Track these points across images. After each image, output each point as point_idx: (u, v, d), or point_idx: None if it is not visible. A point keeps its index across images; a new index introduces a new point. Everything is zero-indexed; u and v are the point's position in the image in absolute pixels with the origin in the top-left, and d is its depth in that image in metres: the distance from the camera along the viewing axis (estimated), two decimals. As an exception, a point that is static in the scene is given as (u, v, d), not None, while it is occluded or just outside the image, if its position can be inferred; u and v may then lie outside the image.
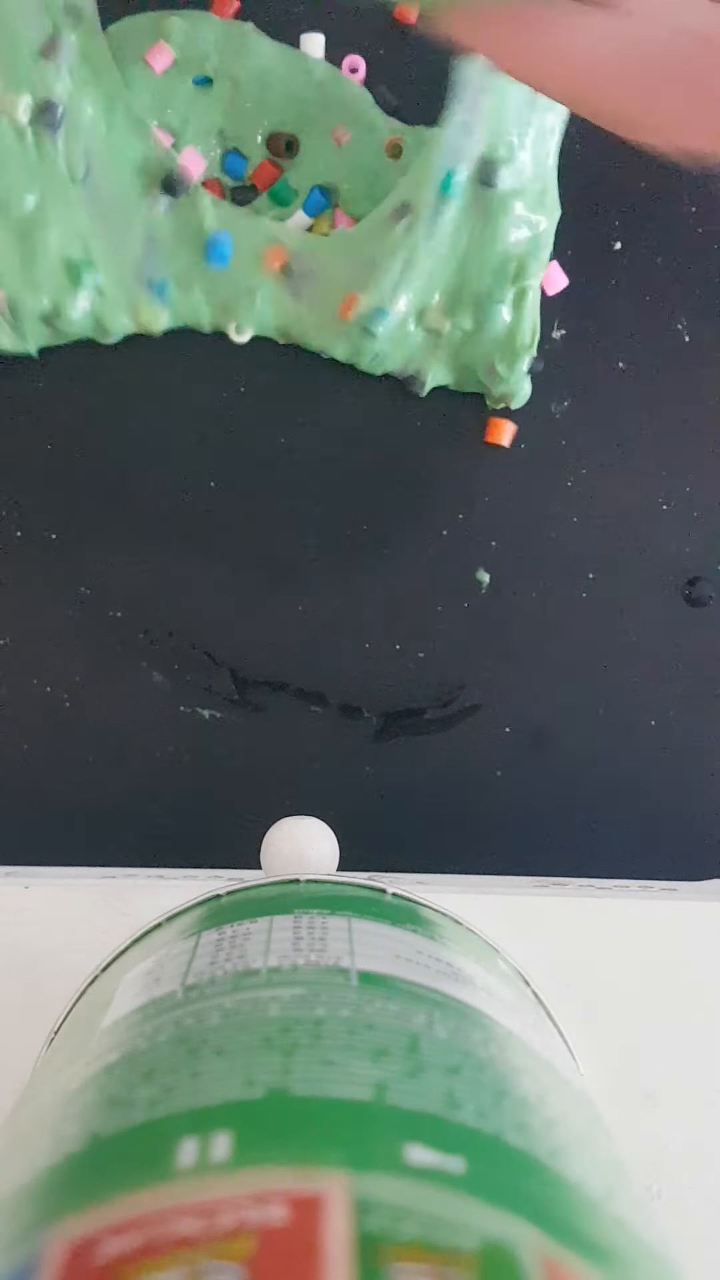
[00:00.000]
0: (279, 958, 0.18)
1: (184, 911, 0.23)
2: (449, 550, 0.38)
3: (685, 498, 0.38)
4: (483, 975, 0.21)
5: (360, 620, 0.38)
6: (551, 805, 0.38)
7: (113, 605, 0.37)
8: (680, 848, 0.39)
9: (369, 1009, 0.16)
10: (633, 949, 0.31)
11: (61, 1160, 0.14)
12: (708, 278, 0.37)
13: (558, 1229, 0.12)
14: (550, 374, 0.37)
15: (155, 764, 0.38)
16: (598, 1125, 0.17)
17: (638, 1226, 0.13)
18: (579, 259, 0.37)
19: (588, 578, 0.38)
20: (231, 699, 0.38)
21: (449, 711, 0.38)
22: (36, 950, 0.31)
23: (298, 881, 0.23)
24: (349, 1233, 0.11)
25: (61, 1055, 0.19)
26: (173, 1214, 0.11)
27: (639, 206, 0.37)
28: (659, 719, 0.38)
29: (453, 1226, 0.11)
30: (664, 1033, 0.31)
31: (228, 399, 0.37)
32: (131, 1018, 0.18)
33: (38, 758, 0.38)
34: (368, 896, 0.22)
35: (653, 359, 0.37)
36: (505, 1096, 0.15)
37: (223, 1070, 0.14)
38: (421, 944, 0.20)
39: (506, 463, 0.37)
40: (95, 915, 0.31)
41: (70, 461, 0.37)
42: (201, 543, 0.37)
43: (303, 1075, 0.14)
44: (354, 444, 0.37)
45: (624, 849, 0.39)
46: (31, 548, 0.37)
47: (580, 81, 0.21)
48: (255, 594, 0.38)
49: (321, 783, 0.38)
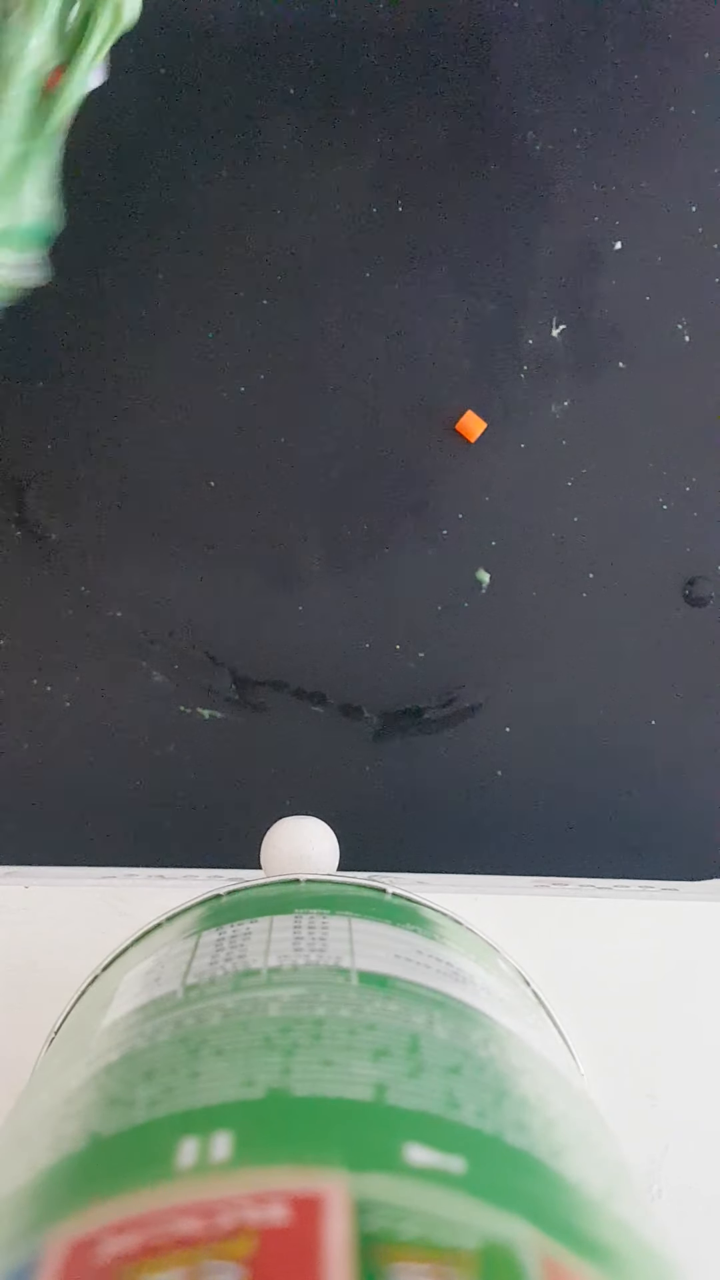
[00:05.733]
0: (279, 957, 0.18)
1: (184, 911, 0.23)
2: (449, 550, 0.38)
3: (685, 498, 0.38)
4: (483, 975, 0.21)
5: (360, 620, 0.38)
6: (551, 805, 0.38)
7: (113, 605, 0.37)
8: (680, 848, 0.39)
9: (369, 1009, 0.16)
10: (633, 949, 0.31)
11: (61, 1160, 0.14)
12: (708, 278, 0.37)
13: (558, 1229, 0.12)
14: (550, 374, 0.37)
15: (155, 764, 0.38)
16: (598, 1125, 0.17)
17: (638, 1226, 0.13)
18: (579, 259, 0.37)
19: (588, 578, 0.38)
20: (231, 699, 0.38)
21: (449, 711, 0.38)
22: (36, 950, 0.31)
23: (298, 881, 0.23)
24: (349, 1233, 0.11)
25: (61, 1055, 0.19)
26: (173, 1214, 0.11)
27: (639, 206, 0.37)
28: (659, 719, 0.38)
29: (453, 1226, 0.11)
30: (664, 1033, 0.31)
31: (228, 399, 0.37)
32: (131, 1017, 0.18)
33: (38, 758, 0.38)
34: (368, 896, 0.22)
35: (653, 359, 0.37)
36: (505, 1096, 0.15)
37: (223, 1070, 0.14)
38: (421, 944, 0.20)
39: (506, 463, 0.37)
40: (95, 915, 0.31)
41: (70, 461, 0.37)
42: (201, 543, 0.37)
43: (303, 1075, 0.14)
44: (354, 444, 0.37)
45: (624, 849, 0.39)
46: (31, 548, 0.37)
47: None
48: (255, 594, 0.38)
49: (321, 783, 0.38)
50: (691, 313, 0.37)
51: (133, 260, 0.37)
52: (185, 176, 0.36)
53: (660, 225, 0.37)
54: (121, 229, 0.37)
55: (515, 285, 0.37)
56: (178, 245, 0.37)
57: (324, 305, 0.37)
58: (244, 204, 0.36)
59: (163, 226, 0.37)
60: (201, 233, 0.37)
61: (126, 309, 0.37)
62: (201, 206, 0.36)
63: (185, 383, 0.37)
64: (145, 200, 0.36)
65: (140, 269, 0.37)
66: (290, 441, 0.37)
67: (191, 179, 0.36)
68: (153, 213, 0.37)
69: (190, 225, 0.37)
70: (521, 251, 0.37)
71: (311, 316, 0.37)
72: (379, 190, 0.37)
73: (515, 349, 0.37)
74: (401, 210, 0.37)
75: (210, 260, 0.37)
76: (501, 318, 0.37)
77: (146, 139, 0.36)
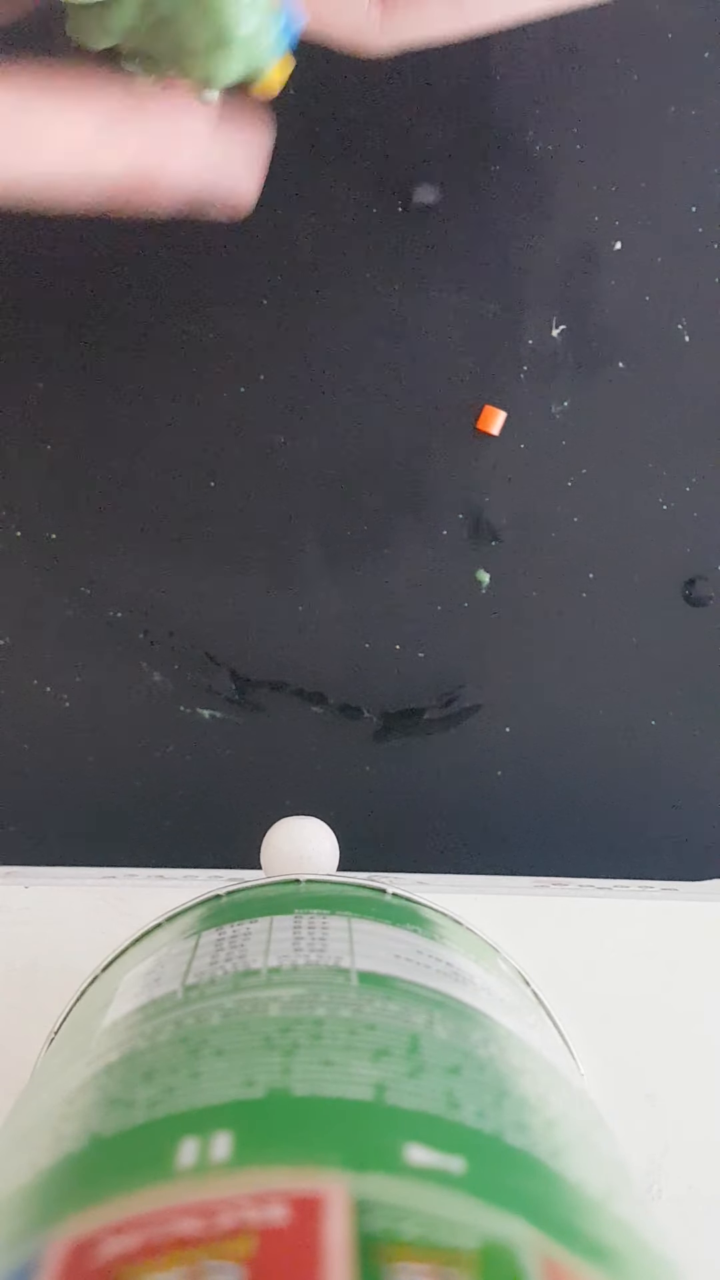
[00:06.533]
0: (279, 958, 0.18)
1: (184, 911, 0.23)
2: (449, 550, 0.38)
3: (685, 498, 0.38)
4: (483, 975, 0.21)
5: (360, 620, 0.38)
6: (551, 805, 0.38)
7: (113, 605, 0.37)
8: (680, 848, 0.39)
9: (369, 1009, 0.16)
10: (633, 949, 0.31)
11: (61, 1160, 0.13)
12: (708, 278, 0.37)
13: (558, 1229, 0.12)
14: (550, 374, 0.37)
15: (155, 764, 0.38)
16: (598, 1125, 0.17)
17: (638, 1226, 0.13)
18: (579, 259, 0.37)
19: (588, 578, 0.38)
20: (231, 699, 0.38)
21: (449, 711, 0.38)
22: (36, 950, 0.31)
23: (298, 881, 0.23)
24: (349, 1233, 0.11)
25: (61, 1055, 0.19)
26: (173, 1214, 0.11)
27: (639, 206, 0.37)
28: (659, 719, 0.38)
29: (453, 1226, 0.11)
30: (664, 1033, 0.31)
31: (228, 399, 0.37)
32: (132, 1018, 0.18)
33: (38, 758, 0.38)
34: (368, 896, 0.22)
35: (653, 359, 0.37)
36: (505, 1096, 0.15)
37: (223, 1070, 0.14)
38: (421, 944, 0.20)
39: (506, 463, 0.37)
40: (95, 915, 0.31)
41: (70, 461, 0.37)
42: (201, 543, 0.37)
43: (303, 1075, 0.14)
44: (354, 444, 0.37)
45: (624, 849, 0.39)
46: (31, 548, 0.37)
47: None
48: (255, 594, 0.38)
49: (321, 783, 0.38)
50: (691, 313, 0.37)
51: (132, 260, 0.37)
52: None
53: (660, 225, 0.37)
54: (121, 230, 0.37)
55: (515, 285, 0.37)
56: (177, 245, 0.37)
57: (324, 305, 0.37)
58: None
59: (162, 226, 0.37)
60: (201, 232, 0.37)
61: (126, 309, 0.37)
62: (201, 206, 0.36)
63: (185, 383, 0.37)
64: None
65: (140, 269, 0.37)
66: (290, 441, 0.37)
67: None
68: (153, 212, 0.37)
69: (190, 225, 0.37)
70: (521, 251, 0.37)
71: (311, 316, 0.37)
72: (379, 190, 0.37)
73: (515, 349, 0.37)
74: (401, 210, 0.37)
75: (210, 260, 0.37)
76: (501, 318, 0.37)
77: (146, 139, 0.36)
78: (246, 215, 0.37)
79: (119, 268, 0.37)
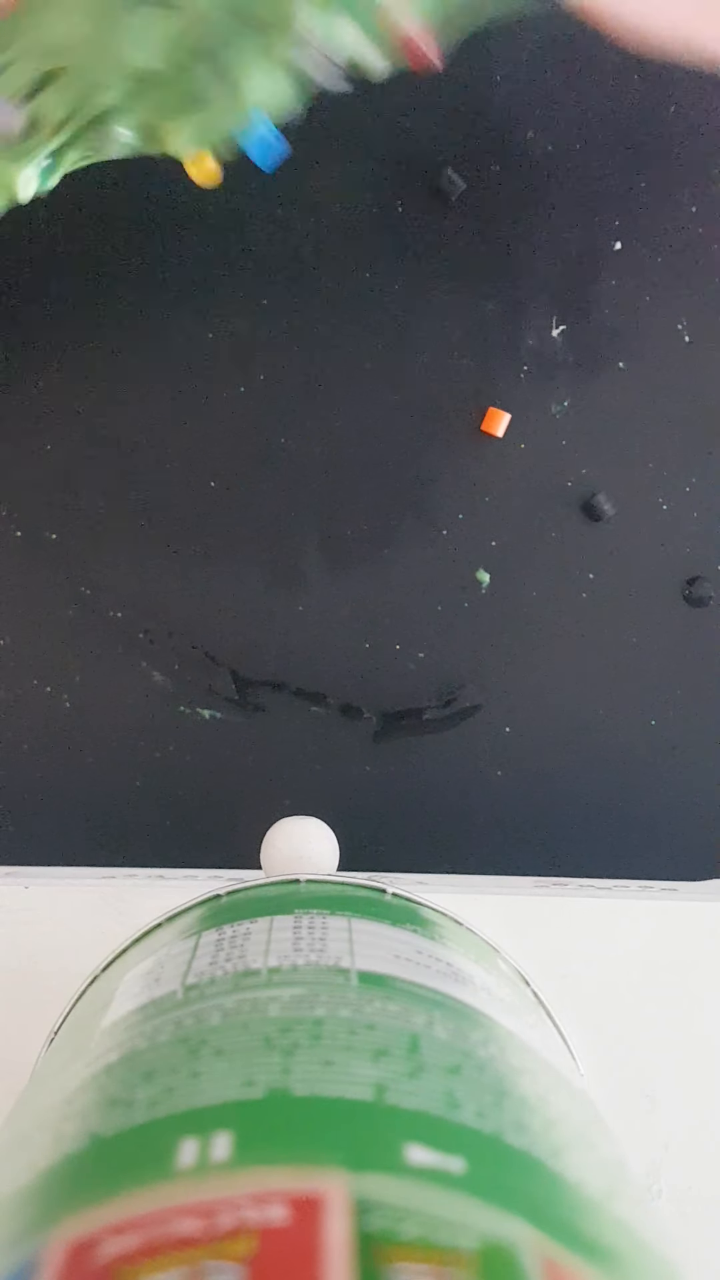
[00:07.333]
0: (279, 958, 0.18)
1: (184, 912, 0.23)
2: (449, 550, 0.38)
3: (685, 498, 0.38)
4: (483, 975, 0.21)
5: (360, 620, 0.38)
6: (551, 805, 0.38)
7: (113, 605, 0.37)
8: (680, 848, 0.39)
9: (369, 1009, 0.16)
10: (633, 949, 0.31)
11: (61, 1160, 0.13)
12: (708, 278, 0.37)
13: (558, 1229, 0.12)
14: (550, 374, 0.37)
15: (155, 764, 0.38)
16: (598, 1125, 0.17)
17: (638, 1226, 0.13)
18: (579, 259, 0.37)
19: (588, 578, 0.38)
20: (231, 699, 0.38)
21: (449, 711, 0.38)
22: (36, 950, 0.31)
23: (298, 881, 0.23)
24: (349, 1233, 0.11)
25: (61, 1055, 0.19)
26: (173, 1214, 0.11)
27: (639, 206, 0.37)
28: (659, 719, 0.38)
29: (453, 1226, 0.11)
30: (664, 1033, 0.31)
31: (228, 399, 0.37)
32: (131, 1018, 0.18)
33: (38, 758, 0.38)
34: (368, 896, 0.22)
35: (653, 359, 0.37)
36: (505, 1096, 0.15)
37: (223, 1070, 0.14)
38: (421, 944, 0.20)
39: (506, 462, 0.37)
40: (95, 915, 0.31)
41: (70, 461, 0.37)
42: (201, 542, 0.37)
43: (303, 1075, 0.14)
44: (354, 444, 0.37)
45: (624, 849, 0.39)
46: (31, 548, 0.37)
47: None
48: (255, 594, 0.38)
49: (321, 783, 0.38)
50: (691, 313, 0.37)
51: (133, 260, 0.37)
52: (185, 176, 0.36)
53: (660, 225, 0.37)
54: (121, 230, 0.37)
55: (515, 285, 0.37)
56: (177, 245, 0.37)
57: (324, 305, 0.37)
58: (244, 204, 0.36)
59: (162, 226, 0.37)
60: (201, 232, 0.37)
61: (126, 309, 0.37)
62: (201, 206, 0.36)
63: (185, 383, 0.37)
64: (145, 200, 0.36)
65: (140, 269, 0.37)
66: (290, 441, 0.37)
67: (191, 179, 0.36)
68: (152, 212, 0.37)
69: (190, 225, 0.37)
70: (521, 251, 0.37)
71: (311, 316, 0.37)
72: (379, 190, 0.37)
73: (515, 349, 0.37)
74: (401, 210, 0.37)
75: (210, 260, 0.37)
76: (501, 318, 0.37)
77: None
78: (247, 214, 0.37)
79: (119, 267, 0.37)
